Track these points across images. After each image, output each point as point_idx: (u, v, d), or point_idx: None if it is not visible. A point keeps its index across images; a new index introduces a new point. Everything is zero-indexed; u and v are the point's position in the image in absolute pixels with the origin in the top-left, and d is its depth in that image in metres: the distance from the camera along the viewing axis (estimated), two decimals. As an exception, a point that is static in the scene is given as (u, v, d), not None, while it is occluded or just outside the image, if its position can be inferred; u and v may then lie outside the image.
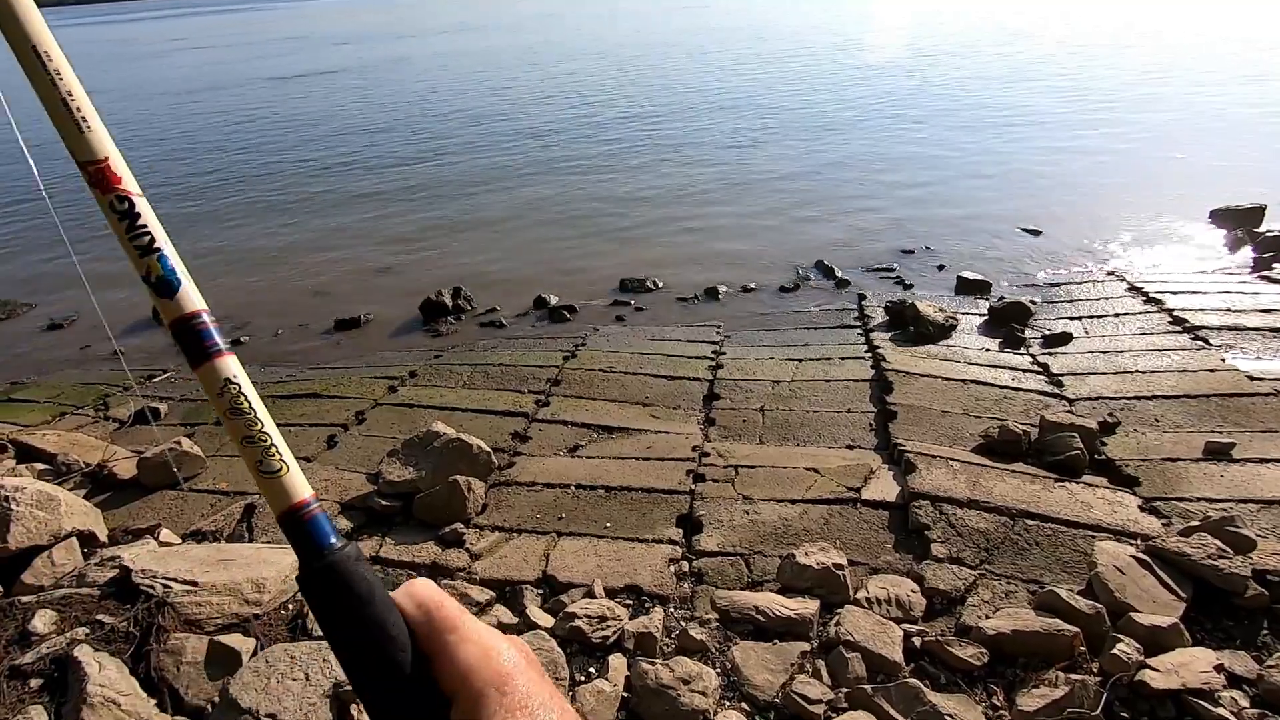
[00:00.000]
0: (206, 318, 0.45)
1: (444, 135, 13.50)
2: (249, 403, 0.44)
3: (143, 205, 0.43)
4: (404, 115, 15.61)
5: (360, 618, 0.42)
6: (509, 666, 0.43)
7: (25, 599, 2.52)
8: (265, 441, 0.44)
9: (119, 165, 0.43)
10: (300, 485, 0.44)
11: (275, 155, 12.83)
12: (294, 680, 2.12)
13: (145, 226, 0.43)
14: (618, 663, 2.33)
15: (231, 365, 0.44)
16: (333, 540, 0.44)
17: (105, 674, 2.16)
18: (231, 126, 15.54)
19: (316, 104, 17.66)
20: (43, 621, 2.41)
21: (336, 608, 0.42)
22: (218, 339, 0.44)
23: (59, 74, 0.41)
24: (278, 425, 0.45)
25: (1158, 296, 5.62)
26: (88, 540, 3.03)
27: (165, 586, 2.49)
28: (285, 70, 23.97)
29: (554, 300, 6.56)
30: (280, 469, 0.43)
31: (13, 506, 2.85)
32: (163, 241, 0.43)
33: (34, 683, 2.19)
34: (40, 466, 3.84)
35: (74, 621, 2.43)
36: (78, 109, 0.42)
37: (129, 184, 0.43)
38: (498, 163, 11.45)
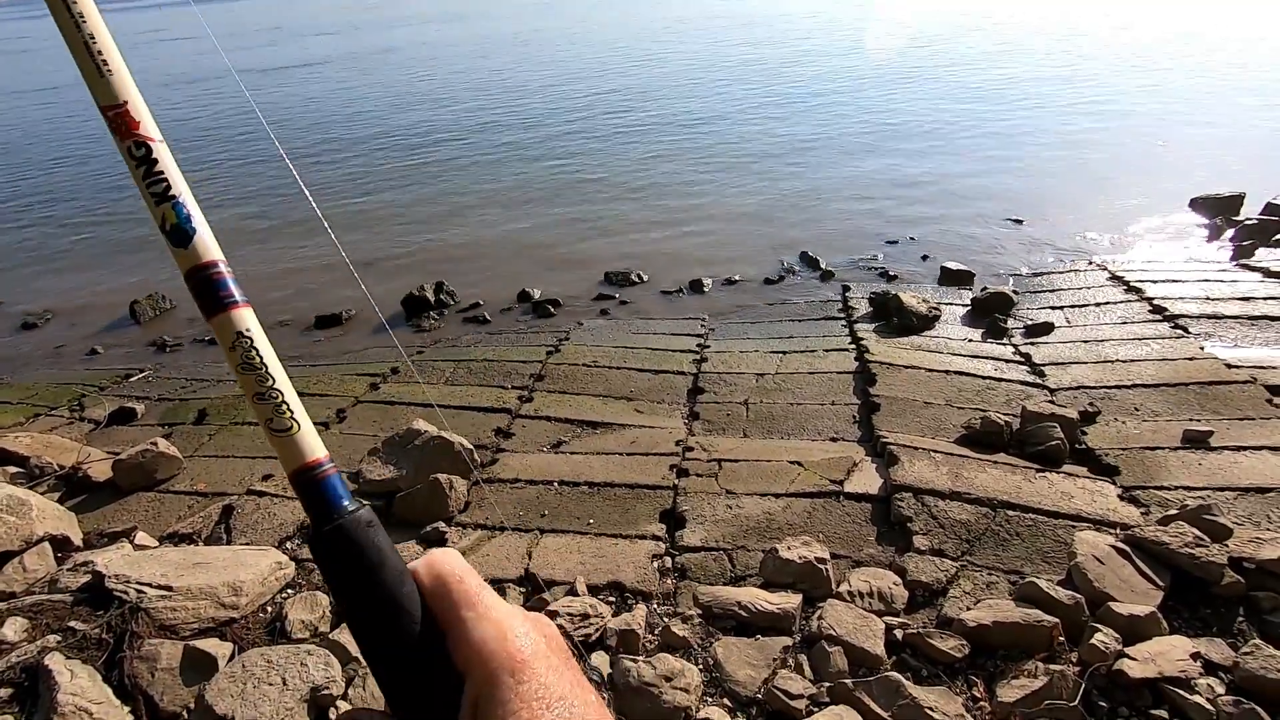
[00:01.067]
0: (224, 268, 0.43)
1: (426, 129, 13.35)
2: (261, 358, 0.42)
3: (161, 151, 0.42)
4: (384, 108, 15.43)
5: (369, 584, 0.41)
6: (527, 651, 0.41)
7: (-5, 606, 2.47)
8: (277, 398, 0.42)
9: (138, 110, 0.42)
10: (313, 445, 0.43)
11: (253, 148, 12.63)
12: (270, 685, 2.09)
13: (162, 174, 0.42)
14: (600, 661, 2.32)
15: (247, 318, 0.43)
16: (345, 503, 0.42)
17: (77, 682, 2.12)
18: (209, 119, 15.28)
19: (294, 96, 17.40)
20: (13, 629, 2.36)
21: (345, 572, 0.41)
22: (234, 290, 0.43)
23: (83, 17, 0.41)
24: (254, 425, 0.43)
25: (1138, 285, 5.66)
26: (61, 545, 2.98)
27: (139, 591, 2.45)
28: (265, 62, 23.61)
29: (538, 294, 6.52)
30: (291, 427, 0.42)
31: (-19, 512, 2.79)
32: (180, 190, 0.42)
33: (3, 692, 2.15)
34: (12, 469, 3.77)
35: (45, 629, 2.38)
36: (99, 52, 0.41)
37: (148, 129, 0.42)
38: (482, 156, 11.35)
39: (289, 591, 2.74)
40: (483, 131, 12.80)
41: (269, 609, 2.64)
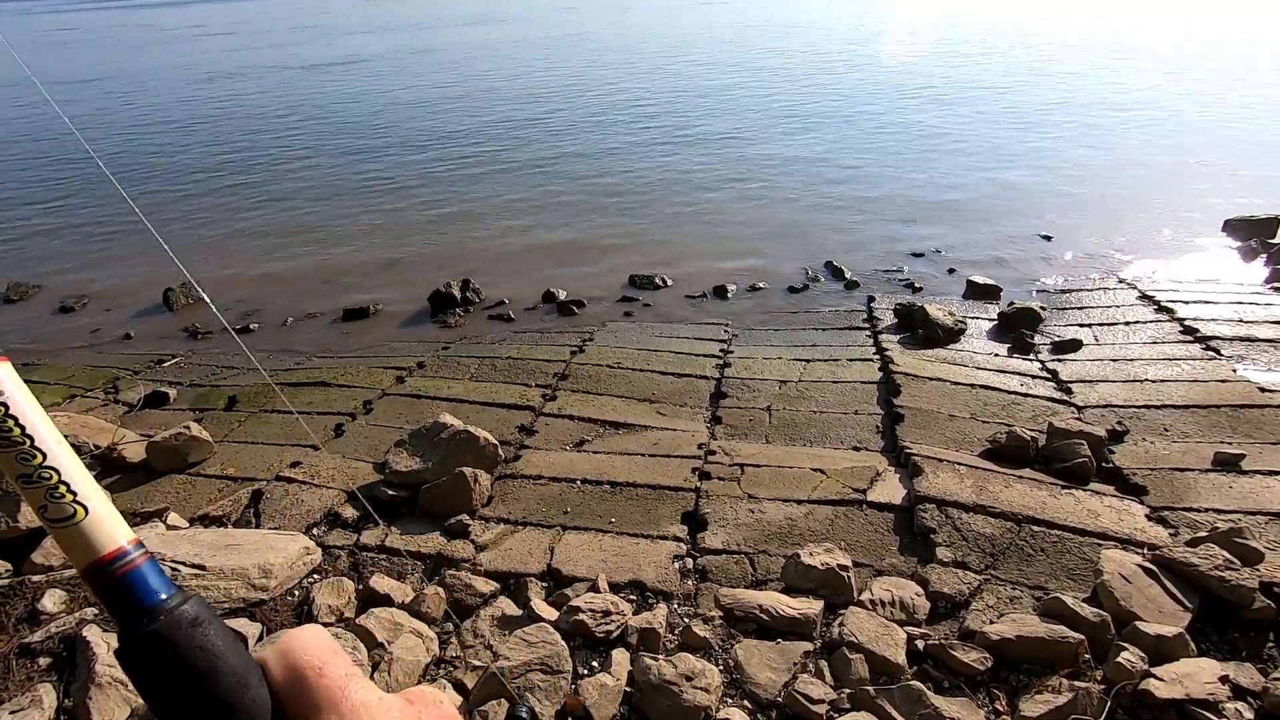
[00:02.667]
0: None
1: (457, 127, 13.50)
2: (22, 428, 0.33)
3: None
4: (418, 107, 15.62)
5: (197, 699, 0.33)
6: None
7: (35, 578, 2.55)
8: (49, 478, 0.33)
9: None
10: (110, 531, 0.34)
11: (288, 143, 12.85)
12: (299, 666, 2.13)
13: None
14: (621, 657, 2.34)
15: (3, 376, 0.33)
16: (162, 597, 0.35)
17: (114, 654, 2.18)
18: (246, 114, 15.58)
19: (331, 93, 17.68)
20: (52, 601, 2.43)
21: (166, 685, 0.33)
22: None
23: None
24: (283, 413, 0.35)
25: (1169, 305, 5.59)
26: (97, 522, 3.06)
27: (173, 569, 2.51)
28: (302, 60, 24.02)
29: (563, 295, 6.57)
30: (74, 514, 0.33)
31: (24, 486, 2.87)
32: None
33: (42, 661, 2.22)
34: (50, 448, 3.87)
35: (83, 601, 2.45)
36: None
37: None
38: (510, 156, 11.45)
39: (315, 577, 2.79)
40: (514, 131, 12.92)
41: (296, 593, 2.69)
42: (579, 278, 7.01)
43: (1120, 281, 6.39)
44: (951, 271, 6.86)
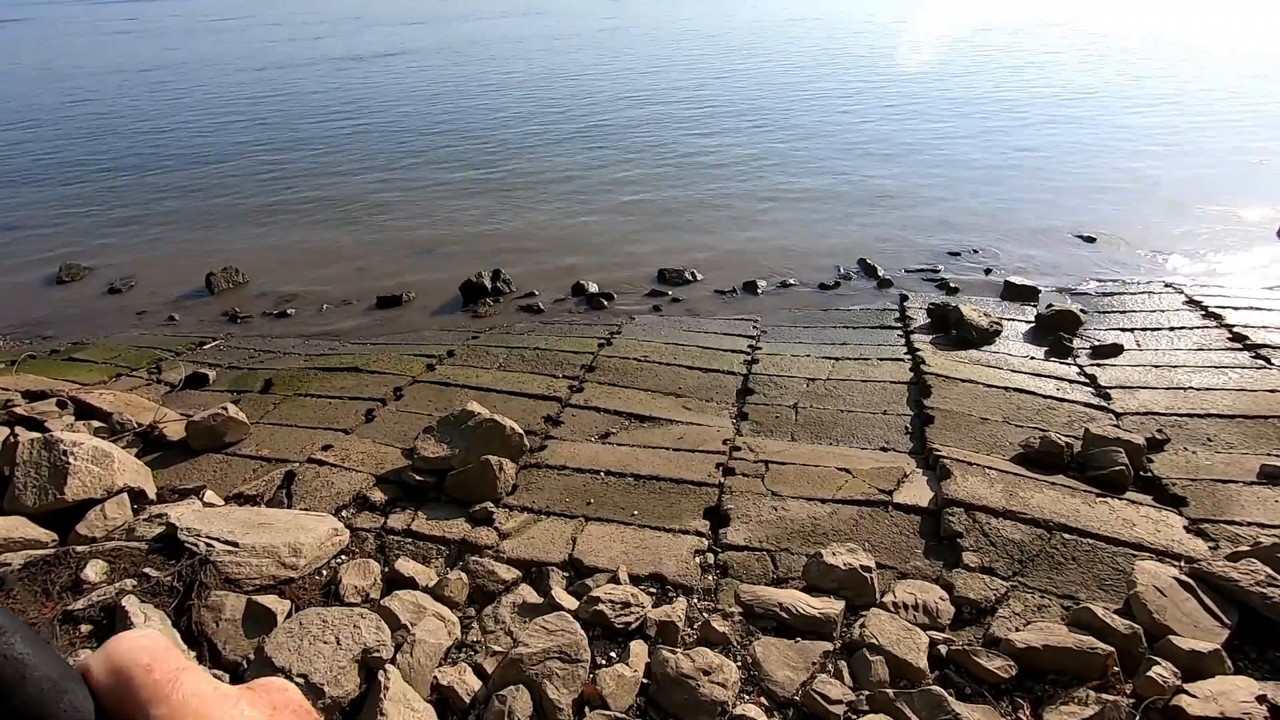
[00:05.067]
0: None
1: (492, 120, 13.60)
2: None
3: None
4: (456, 99, 15.77)
5: (2, 711, 0.32)
6: None
7: (79, 549, 2.65)
8: None
9: None
10: None
11: (328, 133, 13.08)
12: (325, 643, 2.18)
13: None
14: (639, 649, 2.35)
15: None
16: None
17: (150, 624, 2.26)
18: (287, 103, 15.89)
19: (372, 85, 17.94)
20: (94, 571, 2.53)
21: None
22: None
23: None
24: (316, 397, 0.35)
25: (1217, 311, 5.39)
26: (138, 497, 3.17)
27: (208, 545, 2.59)
28: (345, 50, 24.40)
29: (592, 287, 6.59)
30: None
31: (71, 460, 2.99)
32: None
33: (84, 628, 2.31)
34: (96, 424, 4.02)
35: (123, 573, 2.54)
36: None
37: None
38: (542, 148, 11.50)
39: (343, 557, 2.85)
40: (548, 124, 12.96)
41: (324, 572, 2.75)
42: (609, 270, 7.02)
43: (1165, 285, 6.19)
44: (988, 272, 6.71)
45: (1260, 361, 4.59)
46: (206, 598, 2.43)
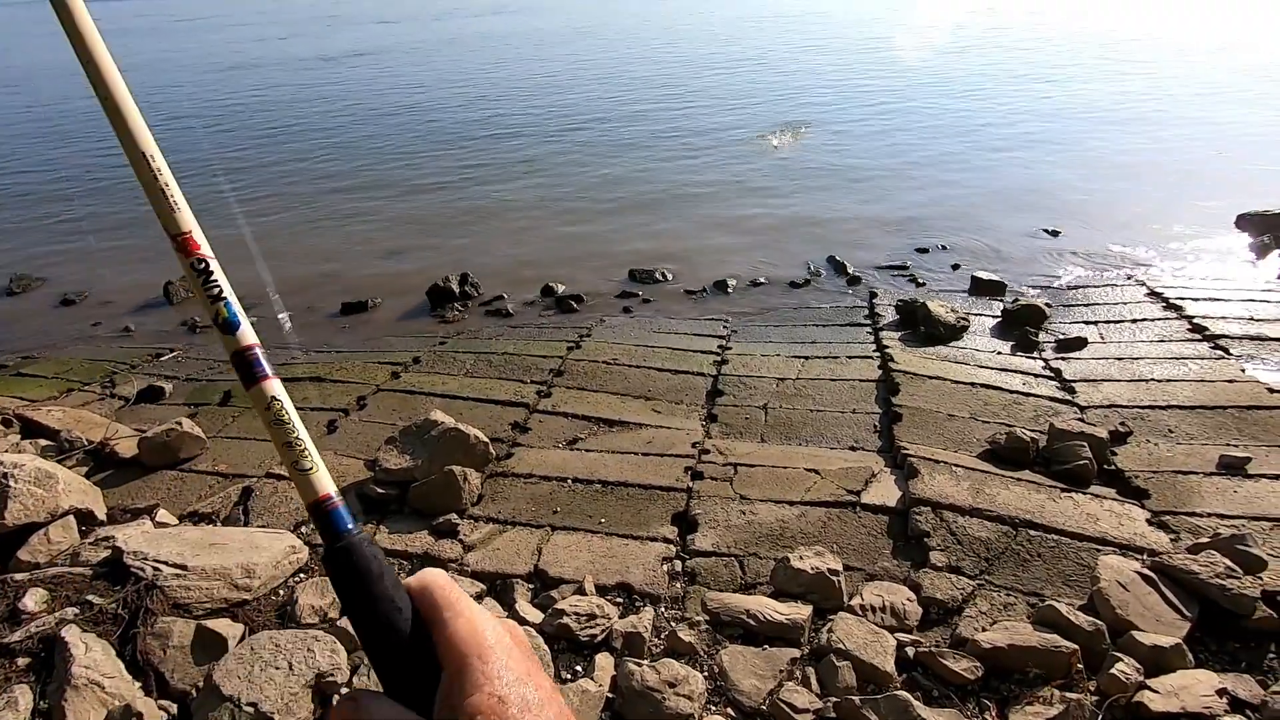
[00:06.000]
0: (258, 350, 0.54)
1: (455, 122, 13.44)
2: (289, 415, 0.53)
3: (214, 265, 0.54)
4: (419, 101, 15.56)
5: (370, 591, 0.49)
6: (491, 641, 0.48)
7: (18, 576, 2.53)
8: (301, 446, 0.52)
9: (198, 235, 0.54)
10: (325, 481, 0.52)
11: (292, 136, 12.83)
12: (277, 669, 2.10)
13: (216, 281, 0.54)
14: (604, 662, 2.31)
15: (276, 386, 0.53)
16: (350, 526, 0.51)
17: (91, 655, 2.16)
18: (251, 106, 15.56)
19: (336, 86, 17.64)
20: (33, 600, 2.41)
21: (350, 581, 0.50)
22: (266, 366, 0.54)
23: (160, 170, 0.52)
24: None
25: (1178, 303, 5.49)
26: (86, 518, 3.05)
27: (155, 569, 2.49)
28: (308, 51, 23.97)
29: (561, 290, 6.52)
30: (311, 468, 0.52)
31: (10, 483, 2.86)
32: (228, 291, 0.54)
33: (21, 661, 2.20)
34: (44, 442, 3.87)
35: (64, 601, 2.43)
36: (171, 195, 0.53)
37: (205, 249, 0.54)
38: (508, 150, 11.39)
39: (301, 576, 2.77)
40: (520, 124, 12.84)
41: (281, 592, 2.67)
42: (579, 272, 6.95)
43: (1128, 278, 6.28)
44: (956, 267, 6.76)
45: (1219, 352, 4.67)
46: (153, 625, 2.33)
